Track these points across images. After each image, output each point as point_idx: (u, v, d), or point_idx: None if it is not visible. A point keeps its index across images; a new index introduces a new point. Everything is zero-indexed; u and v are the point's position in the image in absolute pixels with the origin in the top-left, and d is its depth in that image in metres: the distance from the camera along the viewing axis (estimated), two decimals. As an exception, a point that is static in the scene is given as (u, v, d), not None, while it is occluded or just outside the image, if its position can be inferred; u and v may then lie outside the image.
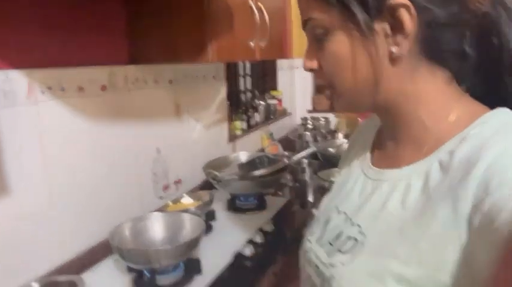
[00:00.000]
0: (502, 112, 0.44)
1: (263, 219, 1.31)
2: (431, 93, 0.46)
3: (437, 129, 0.46)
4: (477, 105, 0.46)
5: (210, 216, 1.28)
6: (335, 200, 0.57)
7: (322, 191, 1.63)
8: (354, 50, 0.45)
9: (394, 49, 0.44)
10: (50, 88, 0.98)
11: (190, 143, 1.58)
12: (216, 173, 1.32)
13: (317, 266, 0.51)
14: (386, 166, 0.51)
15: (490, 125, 0.42)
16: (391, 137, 0.52)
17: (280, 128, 2.55)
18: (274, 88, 2.62)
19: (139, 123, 1.29)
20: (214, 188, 1.50)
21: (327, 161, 1.91)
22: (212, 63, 1.72)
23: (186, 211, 1.16)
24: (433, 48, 0.45)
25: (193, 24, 1.10)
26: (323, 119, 2.65)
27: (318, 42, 0.48)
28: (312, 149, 1.70)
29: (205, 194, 1.31)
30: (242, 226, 1.28)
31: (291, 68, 2.81)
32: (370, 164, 0.54)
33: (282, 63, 2.64)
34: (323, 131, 2.57)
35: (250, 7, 1.31)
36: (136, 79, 1.26)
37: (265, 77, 2.60)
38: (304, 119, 2.66)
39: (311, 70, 0.50)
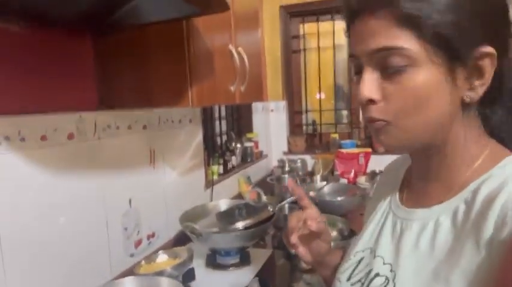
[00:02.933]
0: None
1: (247, 276, 1.19)
2: (472, 138, 0.48)
3: (466, 172, 0.48)
4: (501, 148, 0.49)
5: (188, 276, 1.15)
6: (366, 239, 0.58)
7: (306, 240, 1.54)
8: (435, 88, 0.44)
9: (470, 94, 0.45)
10: (7, 138, 0.87)
11: (164, 191, 1.47)
12: (195, 226, 1.21)
13: None
14: (415, 205, 0.52)
15: (508, 168, 0.45)
16: (421, 177, 0.53)
17: (256, 171, 2.47)
18: (250, 130, 2.57)
19: (109, 173, 1.17)
20: (190, 240, 1.37)
21: (309, 207, 1.83)
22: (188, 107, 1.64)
23: (161, 272, 1.03)
24: (489, 96, 0.46)
25: (172, 68, 1.04)
26: (299, 161, 2.60)
27: (390, 73, 0.45)
28: (293, 197, 1.62)
29: (182, 251, 1.19)
30: (224, 285, 1.16)
31: (266, 111, 2.79)
32: (399, 203, 0.55)
33: (256, 106, 2.61)
34: (300, 173, 2.52)
35: (230, 51, 1.27)
36: (107, 125, 1.16)
37: (240, 119, 2.55)
38: (281, 161, 2.61)
39: (369, 102, 0.47)
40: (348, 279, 0.56)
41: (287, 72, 2.87)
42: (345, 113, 3.24)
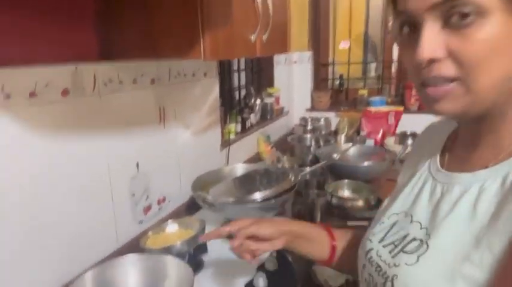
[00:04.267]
0: None
1: (264, 250, 1.09)
2: None
3: None
4: None
5: (200, 249, 1.05)
6: (402, 202, 0.56)
7: (329, 208, 1.41)
8: (509, 37, 0.40)
9: None
10: (-14, 95, 0.73)
11: (176, 153, 1.34)
12: (207, 196, 1.09)
13: (379, 266, 0.52)
14: (457, 170, 0.50)
15: None
16: (469, 141, 0.51)
17: (276, 129, 2.31)
18: (271, 85, 2.38)
19: (113, 134, 1.04)
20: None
21: (332, 171, 1.69)
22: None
23: (169, 248, 0.92)
24: None
25: (181, 12, 0.86)
26: (323, 119, 2.42)
27: (455, 27, 0.41)
28: (323, 162, 1.48)
29: (194, 221, 1.08)
30: (240, 261, 1.06)
31: (289, 63, 2.57)
32: (440, 167, 0.53)
33: (279, 57, 2.39)
34: (323, 132, 2.35)
35: (251, -8, 1.06)
36: (109, 80, 1.01)
37: (260, 72, 2.35)
38: (303, 119, 2.43)
39: (431, 61, 0.42)
40: (380, 241, 0.55)
41: (314, 19, 2.60)
42: (373, 66, 2.99)
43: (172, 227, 1.08)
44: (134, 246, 1.05)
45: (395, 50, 2.62)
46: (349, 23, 2.61)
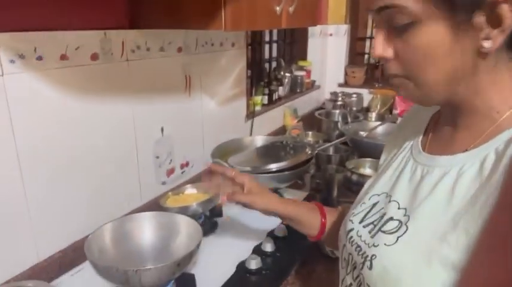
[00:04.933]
0: None
1: (277, 218, 1.13)
2: (503, 85, 0.46)
3: (498, 119, 0.45)
4: None
5: (216, 212, 1.11)
6: (383, 183, 0.57)
7: (348, 184, 1.42)
8: (446, 43, 0.43)
9: (486, 44, 0.42)
10: (22, 57, 0.80)
11: (201, 121, 1.39)
12: (224, 163, 1.13)
13: (359, 246, 0.53)
14: (438, 152, 0.51)
15: None
16: (449, 123, 0.52)
17: (305, 103, 2.30)
18: (303, 57, 2.35)
19: (139, 99, 1.10)
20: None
21: (357, 148, 1.68)
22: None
23: (185, 208, 0.98)
24: None
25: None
26: (355, 96, 2.38)
27: (397, 31, 0.45)
28: (342, 138, 1.47)
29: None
30: (251, 227, 1.11)
31: (324, 35, 2.51)
32: (421, 149, 0.54)
33: (313, 29, 2.34)
34: (354, 109, 2.31)
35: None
36: (136, 46, 1.06)
37: (293, 44, 2.32)
38: (334, 94, 2.39)
39: (382, 59, 0.47)
40: (361, 221, 0.56)
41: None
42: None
43: (191, 190, 1.14)
44: (157, 205, 1.13)
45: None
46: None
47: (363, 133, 1.83)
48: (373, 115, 2.20)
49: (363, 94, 2.43)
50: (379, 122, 1.96)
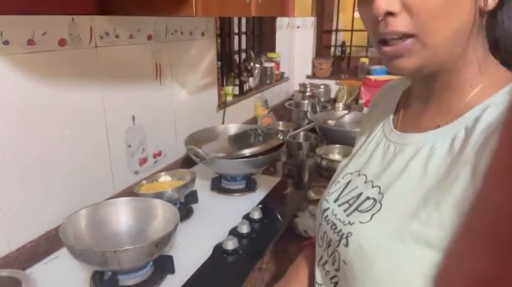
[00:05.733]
0: None
1: (251, 202, 1.15)
2: (478, 59, 0.46)
3: (467, 95, 0.46)
4: (505, 72, 0.46)
5: (191, 198, 1.12)
6: (356, 162, 0.57)
7: (318, 169, 1.47)
8: None
9: (487, 2, 0.43)
10: (-14, 40, 0.77)
11: (173, 110, 1.39)
12: (198, 149, 1.14)
13: (334, 224, 0.53)
14: (410, 130, 0.51)
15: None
16: (421, 100, 0.51)
17: (275, 94, 2.34)
18: (272, 49, 2.39)
19: (109, 86, 1.09)
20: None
21: (326, 136, 1.73)
22: (201, 17, 1.48)
23: (161, 194, 0.99)
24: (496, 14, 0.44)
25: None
26: (323, 87, 2.44)
27: None
28: (311, 124, 1.52)
29: (186, 173, 1.14)
30: (227, 211, 1.13)
31: (292, 28, 2.55)
32: (393, 127, 0.54)
33: (281, 21, 2.38)
34: (322, 99, 2.38)
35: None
36: (105, 33, 1.04)
37: (262, 36, 2.35)
38: (303, 85, 2.45)
39: (387, 15, 0.43)
40: (335, 200, 0.56)
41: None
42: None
43: (165, 178, 1.14)
44: (130, 194, 1.12)
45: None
46: (354, -11, 2.57)
47: (331, 122, 1.89)
48: (340, 105, 2.27)
49: (330, 85, 2.50)
50: (346, 111, 2.04)
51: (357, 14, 2.68)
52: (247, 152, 1.13)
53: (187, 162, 1.44)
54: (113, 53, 1.08)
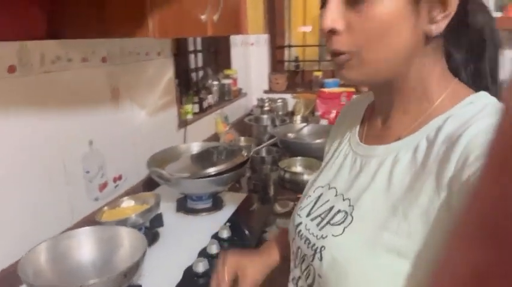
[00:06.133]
0: (484, 96, 0.46)
1: (219, 221, 1.14)
2: (436, 73, 0.48)
3: (429, 107, 0.48)
4: (464, 88, 0.48)
5: (156, 221, 1.09)
6: (325, 175, 0.58)
7: (282, 183, 1.49)
8: (398, 19, 0.44)
9: (432, 27, 0.44)
10: None
11: (132, 132, 1.35)
12: (162, 171, 1.12)
13: (308, 239, 0.53)
14: (375, 143, 0.52)
15: (474, 106, 0.45)
16: (383, 112, 0.53)
17: (234, 110, 2.35)
18: (228, 66, 2.41)
19: (63, 112, 1.04)
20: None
21: (287, 149, 1.76)
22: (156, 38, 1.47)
23: (124, 220, 0.96)
24: (452, 29, 0.45)
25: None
26: (280, 101, 2.49)
27: (353, 2, 0.44)
28: (273, 139, 1.54)
29: (149, 196, 1.11)
30: (195, 232, 1.11)
31: (246, 45, 2.60)
32: (359, 140, 0.55)
33: (235, 39, 2.42)
34: (280, 113, 2.42)
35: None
36: (57, 57, 1.01)
37: (217, 54, 2.37)
38: (261, 100, 2.49)
39: (330, 32, 0.46)
40: (308, 215, 0.56)
41: (269, 2, 2.64)
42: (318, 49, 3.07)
43: (128, 203, 1.11)
44: (90, 223, 1.07)
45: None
46: (304, 7, 2.68)
47: (291, 135, 1.93)
48: (298, 118, 2.33)
49: (287, 99, 2.56)
50: (304, 124, 2.09)
51: (306, 28, 2.79)
52: (212, 170, 1.12)
53: (149, 184, 1.41)
54: (66, 77, 1.04)
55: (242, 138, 1.97)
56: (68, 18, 0.95)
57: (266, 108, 2.35)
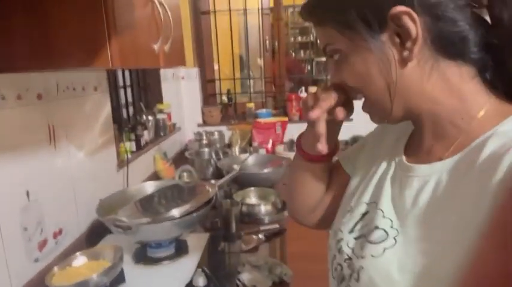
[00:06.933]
0: None
1: (187, 268, 1.03)
2: (454, 90, 0.47)
3: (466, 127, 0.46)
4: (504, 103, 0.47)
5: (117, 278, 0.94)
6: (368, 191, 0.57)
7: (241, 216, 1.42)
8: (370, 66, 0.48)
9: (406, 54, 0.45)
10: None
11: (71, 177, 1.18)
12: (121, 218, 0.98)
13: (350, 257, 0.52)
14: (417, 162, 0.51)
15: None
16: (422, 136, 0.52)
17: (171, 145, 2.24)
18: (160, 101, 2.30)
19: (-6, 159, 0.86)
20: (109, 232, 1.15)
21: (237, 182, 1.71)
22: (92, 71, 1.34)
23: (85, 283, 0.80)
24: (447, 44, 0.45)
25: (84, 17, 0.77)
26: (217, 133, 2.45)
27: (337, 63, 0.52)
28: (235, 172, 1.48)
29: (105, 249, 0.96)
30: (162, 284, 0.98)
31: (177, 78, 2.53)
32: (402, 159, 0.54)
33: (165, 73, 2.34)
34: (218, 145, 2.38)
35: (151, 1, 1.03)
36: (-14, 94, 0.84)
37: (148, 88, 2.26)
38: (198, 134, 2.42)
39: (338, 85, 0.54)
40: (351, 231, 0.55)
41: (197, 36, 2.64)
42: (251, 82, 3.15)
43: (80, 260, 0.94)
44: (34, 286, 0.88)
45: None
46: (231, 41, 2.73)
47: (236, 166, 1.89)
48: (236, 149, 2.31)
49: (223, 131, 2.53)
50: (247, 154, 2.07)
51: (215, 66, 2.83)
52: (177, 213, 1.02)
53: (93, 236, 1.23)
54: (-2, 117, 0.87)
55: (185, 173, 1.86)
56: (3, 49, 0.80)
57: (204, 142, 2.29)
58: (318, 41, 0.55)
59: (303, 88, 2.71)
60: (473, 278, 0.39)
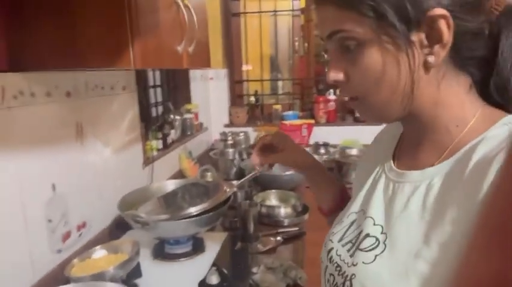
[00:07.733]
0: None
1: (203, 265, 1.05)
2: (456, 98, 0.47)
3: (458, 133, 0.47)
4: (494, 110, 0.48)
5: (134, 272, 0.97)
6: (359, 201, 0.57)
7: (260, 218, 1.43)
8: (389, 62, 0.45)
9: (430, 59, 0.44)
10: None
11: (96, 172, 1.23)
12: (140, 214, 1.01)
13: (339, 265, 0.52)
14: (408, 168, 0.51)
15: (508, 127, 0.44)
16: (413, 141, 0.52)
17: (197, 145, 2.28)
18: (188, 101, 2.35)
19: (25, 152, 0.91)
20: (131, 228, 1.18)
21: (258, 183, 1.72)
22: (121, 71, 1.39)
23: (101, 275, 0.83)
24: (462, 57, 0.46)
25: (108, 18, 0.80)
26: (242, 134, 2.46)
27: (346, 54, 0.47)
28: (255, 172, 1.48)
29: (124, 244, 0.99)
30: (178, 280, 1.00)
31: (205, 79, 2.58)
32: (392, 165, 0.54)
33: (194, 74, 2.38)
34: (243, 146, 2.39)
35: (176, 2, 1.05)
36: (19, 92, 0.89)
37: (177, 88, 2.31)
38: (224, 134, 2.44)
39: (335, 82, 0.50)
40: (340, 240, 0.55)
41: (227, 37, 2.67)
42: (280, 83, 3.15)
43: (99, 253, 0.98)
44: (54, 278, 0.93)
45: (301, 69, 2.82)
46: (260, 44, 2.74)
47: (258, 167, 1.89)
48: (261, 151, 2.31)
49: (249, 132, 2.54)
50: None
51: (247, 67, 2.84)
52: (194, 210, 1.03)
53: (116, 230, 1.27)
54: (28, 113, 0.92)
55: (209, 173, 1.89)
56: (36, 48, 0.85)
57: (230, 142, 2.31)
58: (321, 26, 0.49)
59: (332, 91, 2.68)
60: (464, 283, 0.37)
